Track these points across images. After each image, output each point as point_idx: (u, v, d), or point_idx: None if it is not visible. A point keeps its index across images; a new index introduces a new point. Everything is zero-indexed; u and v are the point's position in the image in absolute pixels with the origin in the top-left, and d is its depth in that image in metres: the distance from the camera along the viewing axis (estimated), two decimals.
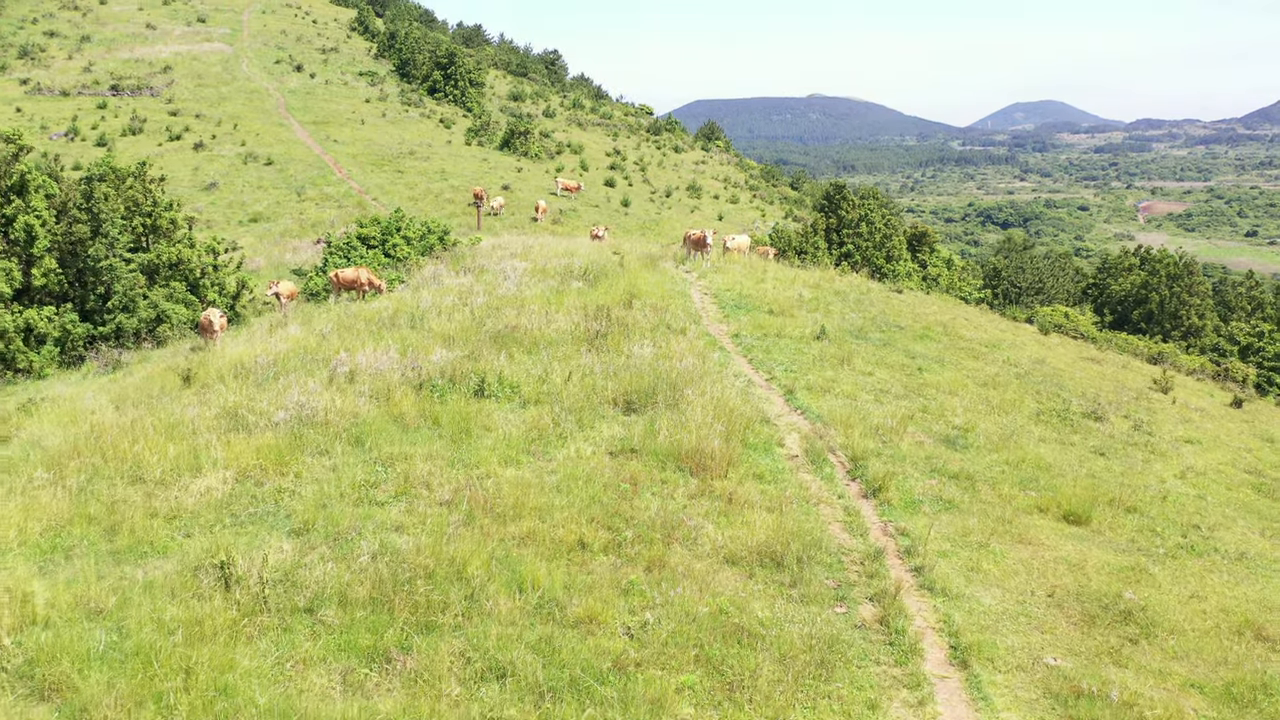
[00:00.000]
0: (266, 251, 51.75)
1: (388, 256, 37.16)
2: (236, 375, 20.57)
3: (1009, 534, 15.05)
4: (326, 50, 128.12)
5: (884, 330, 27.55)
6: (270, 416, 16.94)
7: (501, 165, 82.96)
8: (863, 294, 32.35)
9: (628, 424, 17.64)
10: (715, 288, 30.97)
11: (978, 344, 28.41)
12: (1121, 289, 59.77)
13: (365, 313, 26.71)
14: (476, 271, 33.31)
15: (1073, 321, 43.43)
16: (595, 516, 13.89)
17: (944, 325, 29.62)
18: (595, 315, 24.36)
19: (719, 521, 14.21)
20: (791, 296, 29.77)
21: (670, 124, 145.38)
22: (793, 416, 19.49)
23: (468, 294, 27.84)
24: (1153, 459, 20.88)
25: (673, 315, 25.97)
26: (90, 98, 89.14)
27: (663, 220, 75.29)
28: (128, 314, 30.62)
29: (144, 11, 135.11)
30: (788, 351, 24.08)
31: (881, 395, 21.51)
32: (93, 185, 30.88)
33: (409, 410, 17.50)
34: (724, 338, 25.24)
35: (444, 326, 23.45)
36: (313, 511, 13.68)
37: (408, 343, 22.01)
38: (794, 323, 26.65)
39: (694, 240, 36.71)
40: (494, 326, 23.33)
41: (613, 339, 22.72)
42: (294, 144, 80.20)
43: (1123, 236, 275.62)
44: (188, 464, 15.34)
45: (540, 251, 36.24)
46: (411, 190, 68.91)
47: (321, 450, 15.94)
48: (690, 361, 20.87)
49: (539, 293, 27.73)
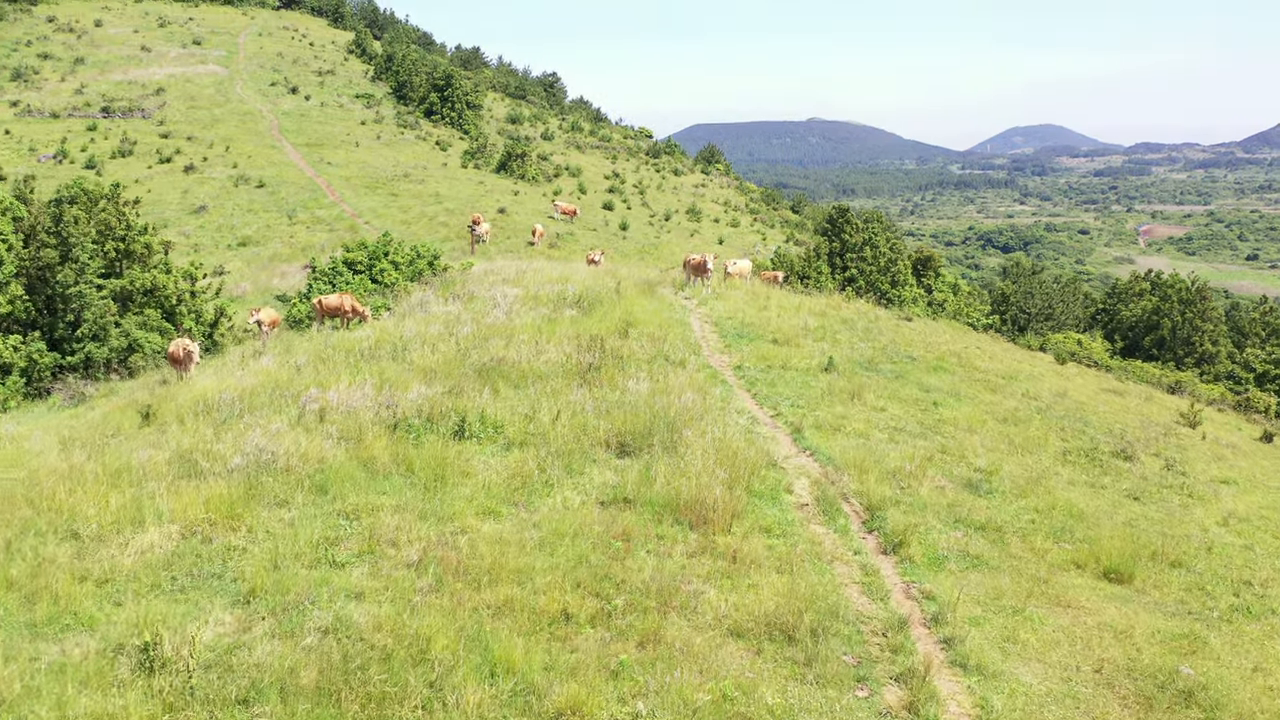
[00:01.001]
0: (254, 276, 50.26)
1: (375, 282, 35.65)
2: (199, 413, 19.03)
3: (1046, 596, 13.44)
4: (323, 73, 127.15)
5: (895, 361, 25.99)
6: (226, 461, 15.34)
7: (498, 188, 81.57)
8: (871, 322, 30.82)
9: (621, 469, 16.06)
10: (716, 315, 29.45)
11: (994, 376, 26.86)
12: (1132, 315, 58.24)
13: (345, 343, 25.18)
14: (466, 298, 31.81)
15: (1086, 349, 41.91)
16: (582, 580, 12.28)
17: (958, 355, 28.07)
18: (588, 346, 22.80)
19: (722, 585, 12.61)
20: (797, 325, 28.23)
21: (670, 147, 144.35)
22: (801, 458, 17.90)
23: (455, 323, 26.31)
24: (1191, 503, 19.28)
25: (671, 345, 24.43)
26: (81, 120, 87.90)
27: (662, 244, 73.86)
28: (98, 343, 29.09)
29: (139, 34, 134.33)
30: (794, 385, 22.52)
31: (896, 433, 19.94)
32: (62, 208, 29.37)
33: (381, 454, 15.91)
34: (726, 370, 23.69)
35: (426, 359, 21.89)
36: (262, 575, 12.07)
37: (386, 377, 20.45)
38: (800, 353, 25.10)
39: (694, 265, 35.21)
40: (480, 359, 21.77)
41: (606, 372, 21.18)
42: (286, 166, 78.85)
43: (1123, 260, 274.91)
44: (130, 516, 13.73)
45: (533, 277, 34.75)
46: (405, 214, 67.48)
47: (280, 501, 14.34)
48: (690, 397, 19.29)
49: (529, 321, 26.20)
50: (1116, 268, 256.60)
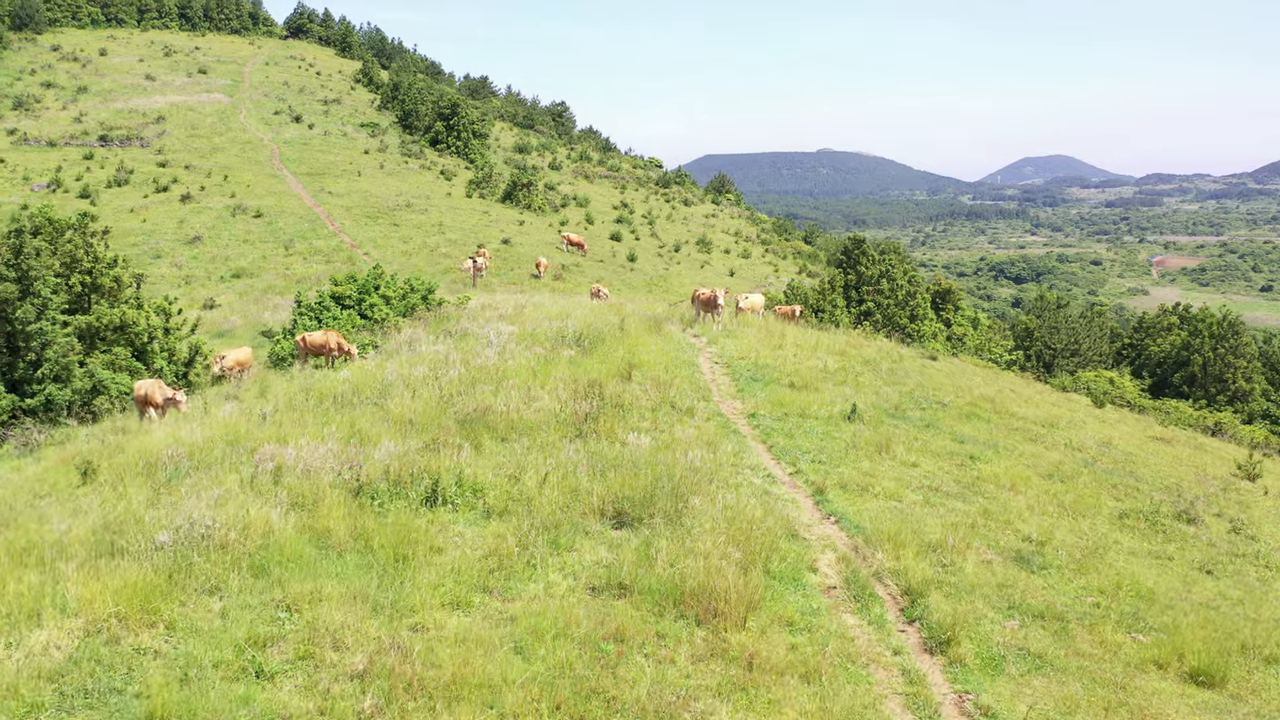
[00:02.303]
0: (245, 310, 48.12)
1: (364, 318, 33.46)
2: (143, 471, 16.80)
3: (1128, 709, 11.08)
4: (328, 101, 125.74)
5: (924, 408, 23.68)
6: (153, 536, 13.04)
7: (503, 218, 79.56)
8: (895, 363, 28.54)
9: (617, 544, 13.77)
10: (728, 355, 27.20)
11: (1032, 423, 24.52)
12: (1161, 350, 55.81)
13: (323, 386, 22.98)
14: (458, 336, 29.62)
15: (1119, 388, 39.56)
16: (563, 700, 9.96)
17: (991, 400, 25.73)
18: (586, 392, 20.53)
19: (736, 700, 10.28)
20: (815, 366, 25.96)
21: (680, 176, 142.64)
22: (825, 526, 15.60)
23: (442, 364, 24.09)
24: (1270, 576, 16.89)
25: (678, 391, 22.18)
26: (77, 148, 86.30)
27: (671, 276, 71.71)
28: (59, 384, 26.91)
29: (144, 63, 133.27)
30: (814, 436, 20.22)
31: (931, 494, 17.62)
32: (23, 239, 27.22)
33: (336, 526, 13.63)
34: (739, 418, 21.40)
35: (405, 407, 19.63)
36: (170, 691, 9.78)
37: (357, 428, 18.20)
38: (820, 399, 22.80)
39: (703, 300, 32.99)
40: (464, 407, 19.52)
41: (605, 423, 18.92)
42: (286, 196, 76.96)
43: (1137, 291, 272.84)
44: (27, 608, 11.46)
45: (533, 313, 32.56)
46: (406, 244, 65.45)
47: (210, 586, 12.06)
48: (698, 454, 17.02)
49: (524, 363, 23.95)
50: (1130, 299, 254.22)
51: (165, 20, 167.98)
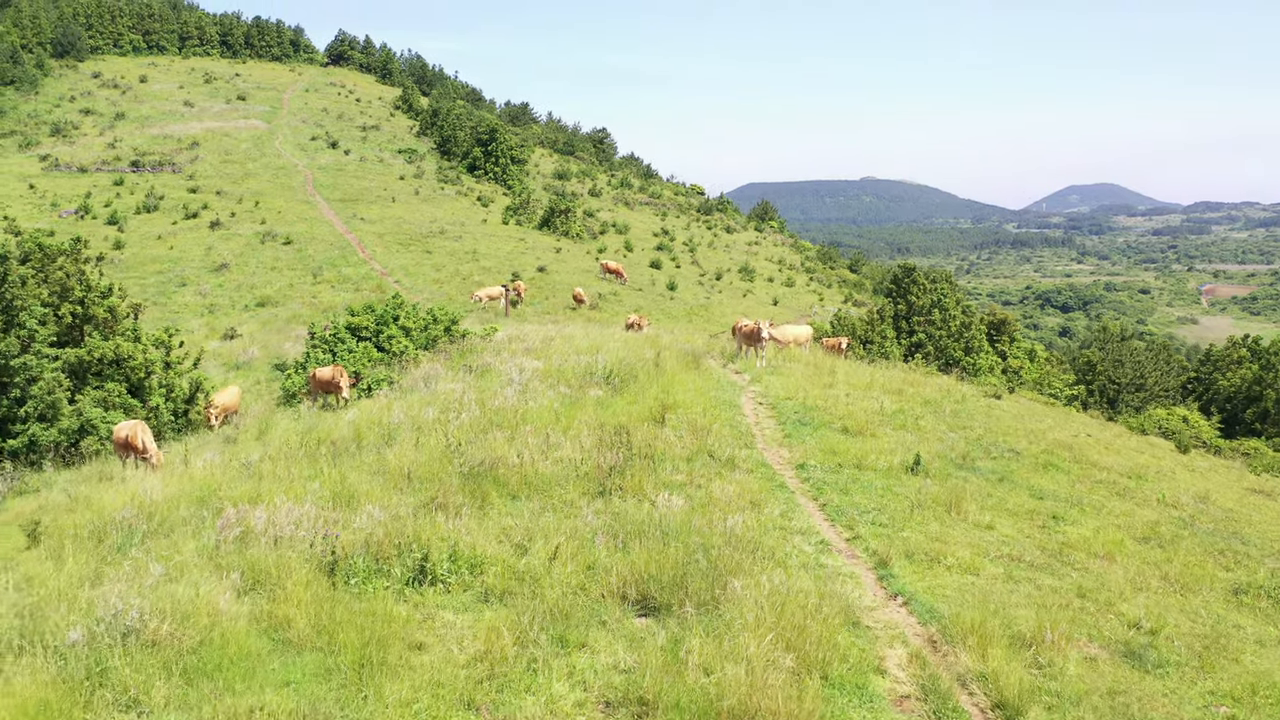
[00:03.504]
0: (266, 340, 46.05)
1: (380, 350, 31.18)
2: (92, 535, 14.47)
3: None
4: (367, 128, 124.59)
5: (995, 457, 21.00)
6: (64, 633, 10.64)
7: (539, 245, 77.41)
8: (957, 403, 25.86)
9: (639, 639, 11.23)
10: (773, 395, 24.66)
11: (1118, 474, 21.74)
12: (1230, 384, 52.53)
13: (321, 430, 20.70)
14: (479, 371, 27.31)
15: (1194, 427, 36.58)
16: None
17: (1068, 447, 22.97)
18: (613, 440, 18.06)
19: None
20: (870, 408, 23.33)
21: (722, 204, 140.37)
22: (892, 610, 12.99)
23: (456, 405, 21.73)
24: None
25: (717, 437, 19.67)
26: (108, 174, 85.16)
27: (712, 305, 69.17)
28: (45, 424, 24.77)
29: (184, 90, 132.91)
30: (874, 492, 17.61)
31: (1014, 565, 14.96)
32: (8, 266, 25.14)
33: (298, 615, 11.17)
34: (786, 470, 18.84)
35: (406, 457, 17.24)
36: None
37: (346, 484, 15.78)
38: (877, 447, 20.17)
39: (746, 333, 30.46)
40: (473, 457, 17.09)
41: (633, 476, 16.43)
42: (317, 222, 75.21)
43: (1186, 320, 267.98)
44: None
45: (561, 346, 30.19)
46: (438, 272, 63.37)
47: (126, 701, 9.61)
48: (739, 519, 14.47)
49: (546, 404, 21.52)
50: (1180, 328, 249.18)
51: (206, 48, 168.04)
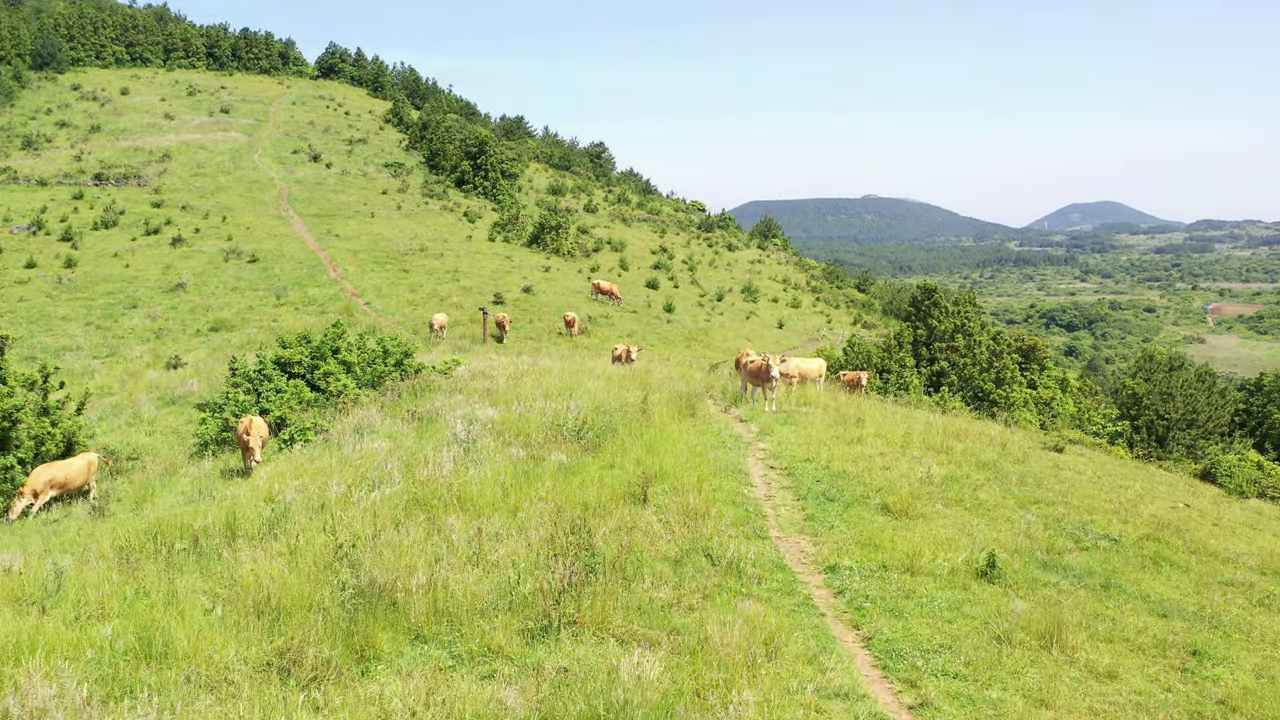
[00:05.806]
0: (211, 371, 40.72)
1: (315, 390, 26.03)
2: None
3: None
4: (354, 141, 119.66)
5: (1087, 548, 15.78)
6: None
7: (527, 264, 72.18)
8: (1018, 462, 20.66)
9: None
10: (787, 454, 19.44)
11: (1247, 569, 16.47)
12: None
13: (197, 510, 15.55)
14: (426, 419, 22.15)
15: (1271, 477, 31.36)
16: None
17: (1175, 530, 17.70)
18: (570, 538, 12.78)
19: None
20: (913, 474, 18.11)
21: (724, 220, 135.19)
22: None
23: (376, 472, 16.58)
24: None
25: (717, 525, 14.50)
26: (68, 187, 79.97)
27: (712, 329, 63.98)
28: None
29: (166, 102, 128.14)
30: (937, 617, 12.39)
31: None
32: None
33: None
34: (811, 575, 13.62)
35: (269, 570, 12.04)
36: None
37: (162, 624, 10.59)
38: (931, 536, 14.93)
39: (752, 370, 25.32)
40: (368, 572, 11.90)
41: (595, 601, 11.28)
42: (288, 239, 70.00)
43: (1193, 339, 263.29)
44: None
45: (531, 385, 25.03)
46: (413, 293, 58.17)
47: None
48: (750, 699, 9.28)
49: (492, 475, 16.29)
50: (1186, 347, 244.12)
51: (192, 60, 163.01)
